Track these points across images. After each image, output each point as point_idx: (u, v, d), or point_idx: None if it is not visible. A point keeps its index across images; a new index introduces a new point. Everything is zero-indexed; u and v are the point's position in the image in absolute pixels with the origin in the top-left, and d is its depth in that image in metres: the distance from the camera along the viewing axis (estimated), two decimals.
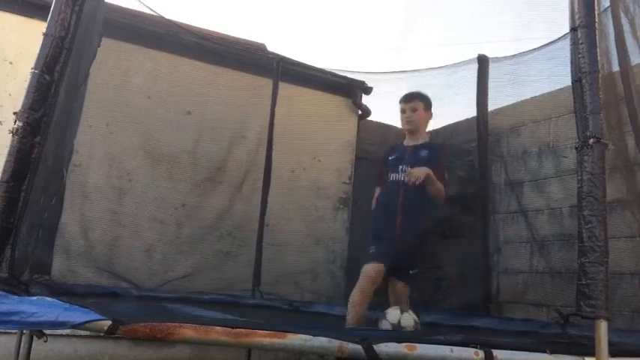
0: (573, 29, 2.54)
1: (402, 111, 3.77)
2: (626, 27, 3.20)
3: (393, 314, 3.35)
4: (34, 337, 2.92)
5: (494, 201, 5.45)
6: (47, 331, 2.40)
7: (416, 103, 3.76)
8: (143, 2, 4.50)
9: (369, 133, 6.45)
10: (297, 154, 5.45)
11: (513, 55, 5.18)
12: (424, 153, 3.69)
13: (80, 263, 4.12)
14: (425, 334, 3.13)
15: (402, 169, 3.62)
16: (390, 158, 3.82)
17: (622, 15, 3.19)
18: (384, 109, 6.20)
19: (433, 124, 6.45)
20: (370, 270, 3.47)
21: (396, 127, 6.81)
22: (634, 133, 3.26)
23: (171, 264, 4.68)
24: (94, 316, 2.08)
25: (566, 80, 3.08)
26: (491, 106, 5.40)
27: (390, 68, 5.96)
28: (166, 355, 4.42)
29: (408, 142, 3.82)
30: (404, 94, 3.85)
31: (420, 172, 3.44)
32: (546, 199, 4.90)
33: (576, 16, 2.54)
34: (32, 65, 2.35)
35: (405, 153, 3.72)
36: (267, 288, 4.71)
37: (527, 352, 2.41)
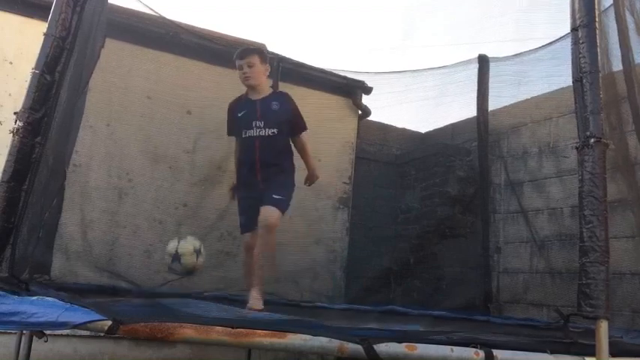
0: (574, 29, 2.55)
1: (239, 68, 3.69)
2: (631, 25, 3.19)
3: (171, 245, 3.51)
4: (34, 337, 2.91)
5: (494, 201, 5.45)
6: (47, 331, 2.40)
7: (252, 58, 3.69)
8: (143, 2, 4.50)
9: (369, 133, 6.46)
10: (298, 154, 5.43)
11: (514, 55, 5.19)
12: (275, 106, 3.70)
13: (80, 263, 4.10)
14: (425, 333, 3.12)
15: (255, 125, 3.63)
16: (239, 115, 3.73)
17: (627, 14, 3.18)
18: (384, 109, 6.21)
19: (434, 124, 6.53)
20: (247, 242, 3.72)
21: (396, 127, 6.86)
22: (636, 131, 3.26)
23: None
24: (94, 316, 2.08)
25: (566, 80, 3.09)
26: (492, 106, 5.40)
27: (390, 68, 5.97)
28: (166, 355, 4.41)
29: (253, 96, 3.75)
30: (237, 51, 3.77)
31: (313, 176, 3.94)
32: (546, 199, 4.91)
33: (577, 16, 2.54)
34: (32, 65, 2.34)
35: (255, 107, 3.69)
36: (267, 288, 4.70)
37: (528, 352, 2.42)
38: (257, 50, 3.82)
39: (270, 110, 3.68)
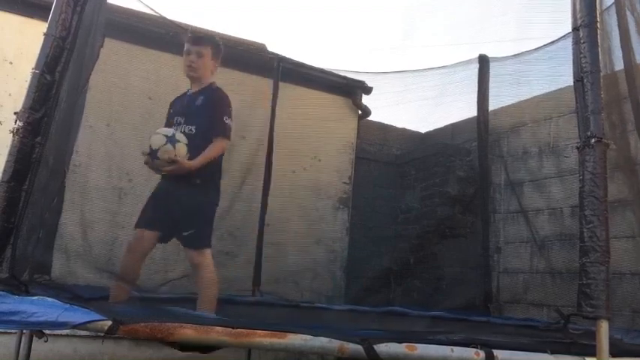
0: (575, 29, 2.55)
1: (187, 52, 3.31)
2: (632, 25, 3.19)
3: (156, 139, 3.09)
4: (34, 337, 2.91)
5: (494, 201, 5.45)
6: (47, 331, 2.40)
7: (204, 48, 3.33)
8: (143, 2, 4.49)
9: (369, 133, 6.46)
10: (298, 154, 5.43)
11: (514, 55, 5.19)
12: (200, 100, 3.30)
13: (80, 263, 4.10)
14: (425, 333, 3.13)
15: (176, 121, 3.28)
16: (171, 111, 3.39)
17: (628, 13, 3.18)
18: (384, 109, 6.22)
19: (434, 124, 6.53)
20: (133, 242, 3.27)
21: (396, 127, 6.85)
22: (637, 130, 3.26)
23: (172, 264, 4.66)
24: (94, 316, 2.08)
25: (566, 80, 3.09)
26: (492, 106, 5.40)
27: (390, 68, 5.97)
28: (166, 355, 4.39)
29: (191, 90, 3.40)
30: (191, 35, 3.41)
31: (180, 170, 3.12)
32: (547, 199, 4.91)
33: (578, 16, 2.54)
34: (32, 65, 2.34)
35: (184, 101, 3.34)
36: (267, 288, 4.70)
37: (528, 352, 2.42)
38: (213, 42, 3.43)
39: (193, 105, 3.31)
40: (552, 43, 4.59)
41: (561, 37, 4.29)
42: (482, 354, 2.29)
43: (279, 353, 4.48)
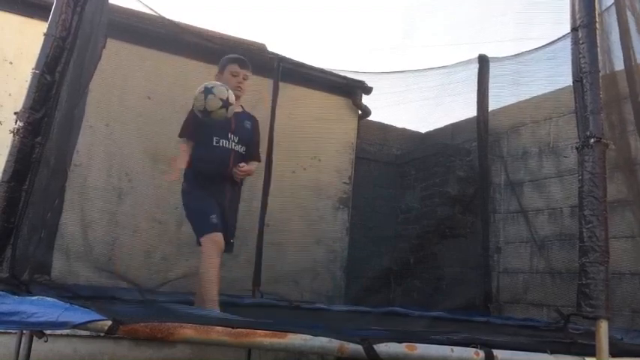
0: (574, 29, 2.55)
1: (235, 74, 3.57)
2: (632, 25, 3.19)
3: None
4: (34, 337, 2.91)
5: (494, 201, 5.45)
6: (47, 331, 2.40)
7: (249, 71, 3.64)
8: (143, 2, 4.50)
9: (369, 133, 6.47)
10: (298, 154, 5.44)
11: (514, 55, 5.19)
12: (248, 124, 3.64)
13: (80, 263, 4.11)
14: (425, 333, 3.13)
15: (231, 138, 3.51)
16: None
17: (628, 13, 3.18)
18: (384, 109, 6.22)
19: (434, 124, 6.53)
20: (218, 240, 3.38)
21: (396, 127, 6.86)
22: (638, 130, 3.26)
23: (171, 264, 4.67)
24: (94, 316, 2.08)
25: (565, 80, 3.09)
26: (492, 106, 5.40)
27: (390, 68, 5.97)
28: (166, 355, 4.41)
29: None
30: (238, 57, 3.68)
31: (250, 171, 3.59)
32: (546, 199, 4.91)
33: (577, 16, 2.54)
34: (32, 65, 2.34)
35: (229, 119, 3.48)
36: (267, 288, 4.70)
37: (528, 352, 2.42)
38: (250, 66, 3.73)
39: (243, 127, 3.59)
40: (552, 43, 4.60)
41: (561, 38, 4.29)
42: (482, 354, 2.29)
43: (279, 353, 4.48)
